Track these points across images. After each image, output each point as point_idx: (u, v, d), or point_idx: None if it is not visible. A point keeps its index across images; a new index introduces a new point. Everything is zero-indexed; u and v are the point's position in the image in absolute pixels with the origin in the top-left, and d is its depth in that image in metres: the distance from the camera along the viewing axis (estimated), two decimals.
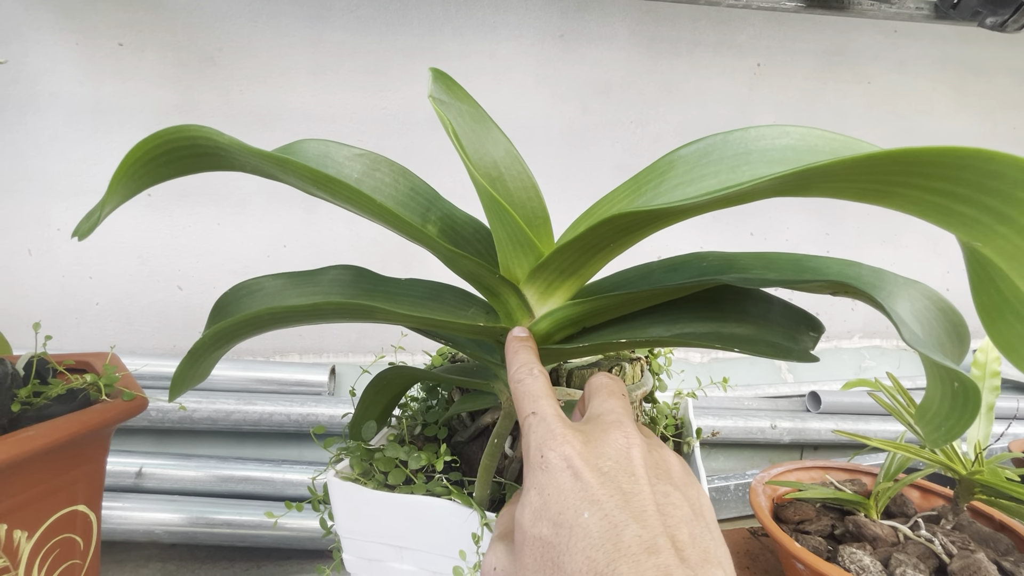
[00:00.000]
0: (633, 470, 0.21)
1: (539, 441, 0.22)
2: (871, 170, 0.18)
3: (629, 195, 0.26)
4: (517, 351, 0.26)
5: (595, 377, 0.26)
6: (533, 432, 0.22)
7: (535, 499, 0.21)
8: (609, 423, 0.22)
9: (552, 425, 0.22)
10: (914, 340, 0.23)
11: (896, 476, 0.50)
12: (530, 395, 0.24)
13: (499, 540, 0.24)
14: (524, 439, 0.23)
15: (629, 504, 0.19)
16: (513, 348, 0.26)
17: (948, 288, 1.06)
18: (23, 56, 0.75)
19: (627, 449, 0.21)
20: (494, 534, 0.24)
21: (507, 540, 0.23)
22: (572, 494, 0.20)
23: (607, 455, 0.21)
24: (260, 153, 0.22)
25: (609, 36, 0.86)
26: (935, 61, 0.96)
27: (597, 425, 0.22)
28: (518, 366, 0.25)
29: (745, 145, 0.23)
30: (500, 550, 0.23)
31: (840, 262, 0.27)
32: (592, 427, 0.22)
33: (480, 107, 0.26)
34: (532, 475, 0.21)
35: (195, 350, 0.26)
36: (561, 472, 0.21)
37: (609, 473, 0.20)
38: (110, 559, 0.67)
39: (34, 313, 0.81)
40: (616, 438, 0.22)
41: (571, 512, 0.19)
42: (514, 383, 0.25)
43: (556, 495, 0.20)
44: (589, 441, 0.22)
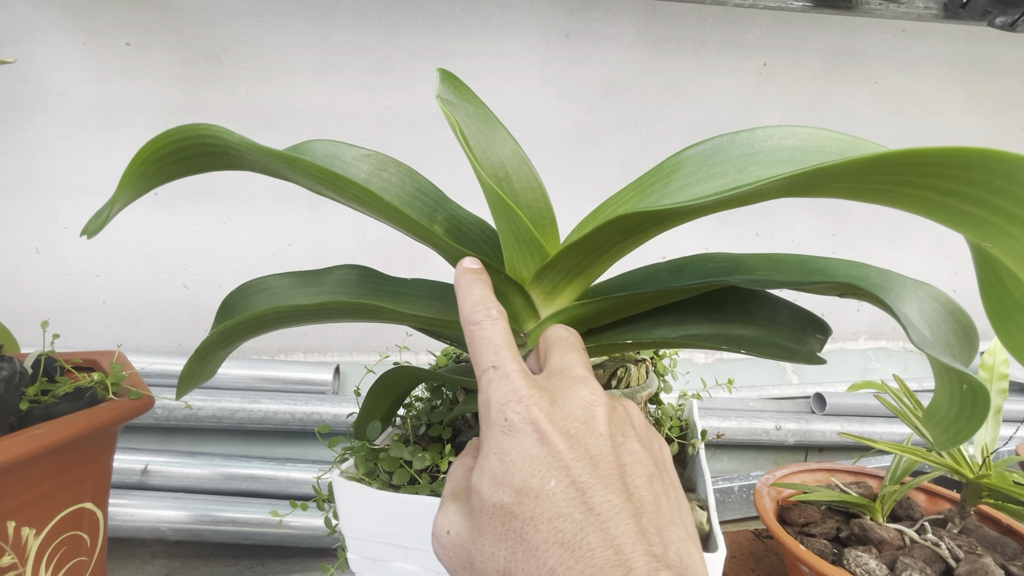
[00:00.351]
0: (599, 429, 0.20)
1: (501, 400, 0.20)
2: (880, 170, 0.18)
3: (635, 196, 0.26)
4: (470, 285, 0.23)
5: (552, 329, 0.24)
6: (494, 389, 0.20)
7: (495, 464, 0.19)
8: (574, 379, 0.21)
9: (516, 383, 0.20)
10: (922, 342, 0.23)
11: (902, 479, 0.49)
12: (489, 343, 0.21)
13: (451, 499, 0.22)
14: (482, 394, 0.21)
15: (597, 468, 0.18)
16: (465, 281, 0.23)
17: (955, 289, 1.05)
18: (31, 55, 0.75)
19: (592, 408, 0.20)
20: (445, 490, 0.23)
21: (460, 500, 0.21)
22: (538, 460, 0.19)
23: (573, 415, 0.20)
24: (270, 152, 0.22)
25: (615, 35, 0.86)
26: (944, 61, 0.96)
27: (561, 381, 0.21)
28: (472, 303, 0.22)
29: (752, 146, 0.23)
30: (453, 511, 0.21)
31: (847, 263, 0.27)
32: (556, 384, 0.21)
33: (487, 108, 0.26)
34: (492, 437, 0.20)
35: (202, 349, 0.26)
36: (526, 436, 0.19)
37: (576, 436, 0.19)
38: (116, 555, 0.67)
39: (42, 311, 0.82)
40: (582, 396, 0.20)
41: (536, 480, 0.18)
42: (469, 325, 0.22)
43: (520, 461, 0.19)
44: (556, 400, 0.20)
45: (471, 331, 0.22)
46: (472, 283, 0.23)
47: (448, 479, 0.23)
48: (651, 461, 0.20)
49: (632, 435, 0.20)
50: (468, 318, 0.22)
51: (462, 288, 0.23)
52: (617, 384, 0.35)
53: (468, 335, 0.22)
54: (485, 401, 0.21)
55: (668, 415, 0.43)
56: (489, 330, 0.22)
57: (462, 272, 0.24)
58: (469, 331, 0.22)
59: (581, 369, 0.22)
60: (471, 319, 0.22)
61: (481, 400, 0.21)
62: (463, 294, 0.23)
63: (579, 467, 0.18)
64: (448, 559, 0.20)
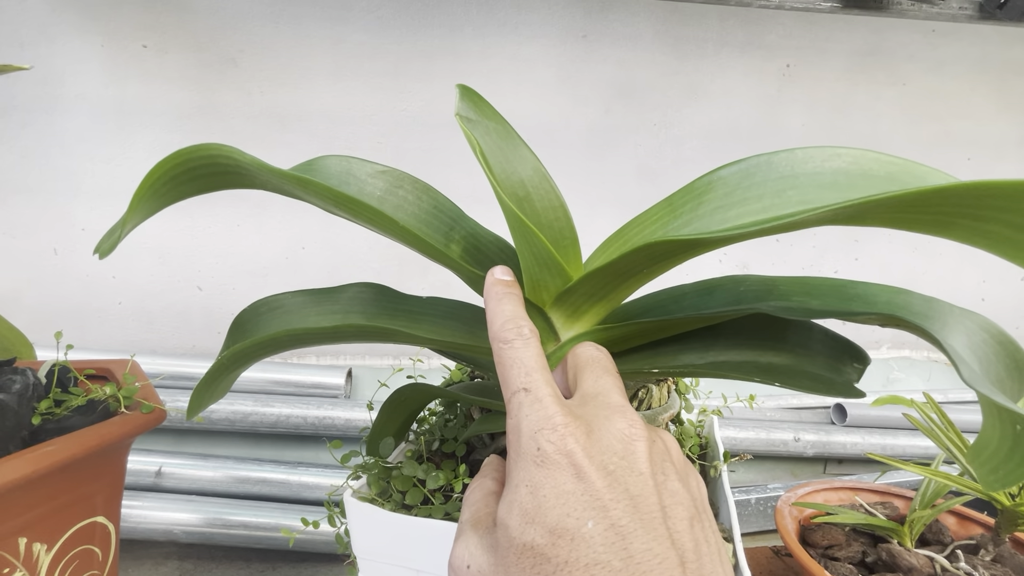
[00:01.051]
0: (639, 467, 0.18)
1: (533, 427, 0.19)
2: (938, 202, 0.17)
3: (663, 217, 0.24)
4: (501, 299, 0.22)
5: (583, 347, 0.22)
6: (525, 414, 0.19)
7: (526, 498, 0.18)
8: (611, 408, 0.19)
9: (549, 409, 0.19)
10: (973, 379, 0.21)
11: (933, 502, 0.47)
12: (521, 364, 0.20)
13: (471, 529, 0.20)
14: (511, 417, 0.19)
15: (637, 509, 0.17)
16: (496, 294, 0.22)
17: (984, 298, 1.02)
18: (50, 58, 0.76)
19: (632, 442, 0.19)
20: (462, 517, 0.21)
21: (481, 531, 0.20)
22: (574, 498, 0.17)
23: (612, 449, 0.18)
24: (281, 173, 0.21)
25: (633, 36, 0.84)
26: (975, 62, 0.92)
27: (598, 410, 0.19)
28: (504, 320, 0.21)
29: (791, 167, 0.21)
30: (474, 543, 0.19)
31: (888, 289, 0.26)
32: (592, 412, 0.19)
33: (508, 124, 0.25)
34: (523, 468, 0.18)
35: (214, 371, 0.25)
36: (562, 470, 0.18)
37: (615, 472, 0.18)
38: (130, 556, 0.68)
39: (59, 311, 0.82)
40: (621, 428, 0.19)
41: (572, 520, 0.17)
42: (499, 343, 0.21)
43: (555, 498, 0.17)
44: (592, 431, 0.19)
45: (501, 349, 0.21)
46: (504, 297, 0.22)
47: (465, 503, 0.22)
48: (691, 502, 0.19)
49: (672, 472, 0.19)
50: (498, 335, 0.21)
51: (492, 302, 0.22)
52: (639, 406, 0.33)
53: (497, 353, 0.21)
54: (515, 426, 0.19)
55: (688, 434, 0.42)
56: (521, 350, 0.20)
57: (493, 283, 0.22)
58: (499, 349, 0.21)
59: (617, 396, 0.20)
60: (501, 337, 0.21)
61: (510, 424, 0.20)
62: (494, 308, 0.22)
63: (619, 508, 0.17)
64: None
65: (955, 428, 0.47)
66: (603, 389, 0.20)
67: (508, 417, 0.20)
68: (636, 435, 0.19)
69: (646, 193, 0.89)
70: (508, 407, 0.20)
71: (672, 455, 0.20)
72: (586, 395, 0.20)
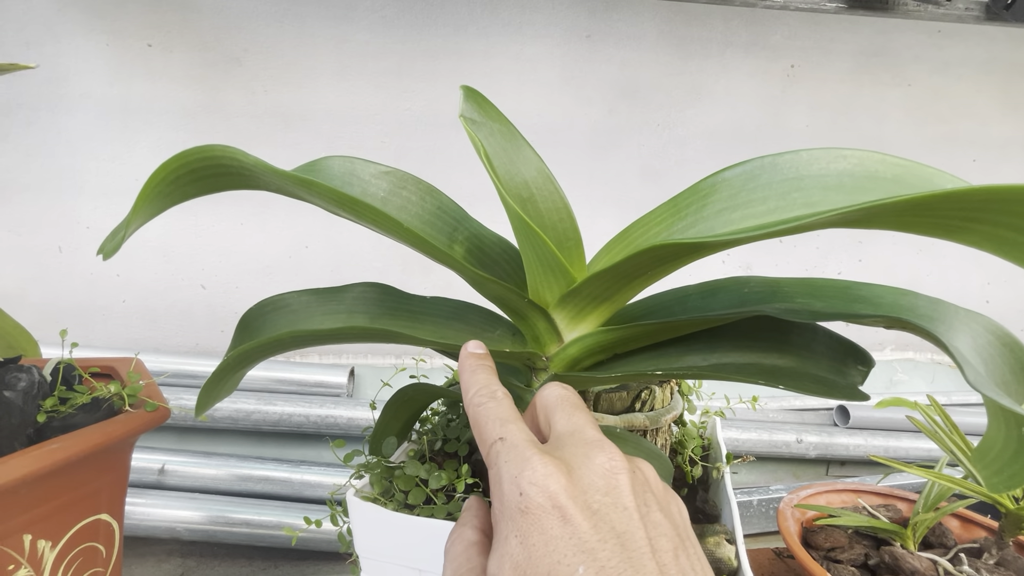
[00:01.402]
0: (623, 502, 0.18)
1: (513, 472, 0.18)
2: (946, 206, 0.16)
3: (668, 219, 0.24)
4: (475, 370, 0.23)
5: (547, 389, 0.23)
6: (504, 460, 0.19)
7: (516, 550, 0.18)
8: (589, 444, 0.19)
9: (526, 453, 0.19)
10: (978, 381, 0.21)
11: (936, 505, 0.47)
12: (495, 418, 0.20)
13: None
14: (493, 472, 0.20)
15: (625, 548, 0.17)
16: (470, 367, 0.23)
17: (988, 300, 1.01)
18: (55, 57, 0.76)
19: (614, 475, 0.19)
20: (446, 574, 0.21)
21: None
22: (562, 543, 0.17)
23: (595, 486, 0.18)
24: (284, 174, 0.21)
25: (637, 36, 0.84)
26: (981, 63, 0.92)
27: (576, 448, 0.19)
28: (477, 388, 0.22)
29: (796, 169, 0.21)
30: None
31: (893, 291, 0.25)
32: (571, 452, 0.19)
33: (512, 125, 0.25)
34: (509, 518, 0.18)
35: (219, 371, 0.25)
36: (546, 515, 0.17)
37: (600, 511, 0.18)
38: (133, 553, 0.68)
39: (63, 309, 0.83)
40: (601, 463, 0.19)
41: (564, 567, 0.17)
42: (473, 408, 0.21)
43: (542, 546, 0.17)
44: (573, 470, 0.19)
45: (475, 412, 0.21)
46: (477, 368, 0.23)
47: (447, 559, 0.21)
48: (674, 531, 0.19)
49: (653, 502, 0.19)
50: (472, 401, 0.22)
51: (467, 373, 0.23)
52: (641, 407, 0.33)
53: (473, 416, 0.21)
54: (496, 476, 0.19)
55: (691, 436, 0.41)
56: (493, 408, 0.21)
57: (467, 357, 0.23)
58: (474, 413, 0.21)
59: (592, 431, 0.20)
60: (476, 401, 0.22)
61: (492, 476, 0.20)
62: (468, 379, 0.23)
63: (607, 550, 0.17)
64: None
65: (959, 431, 0.47)
66: (577, 426, 0.20)
67: (489, 470, 0.20)
68: (617, 468, 0.19)
69: (649, 194, 0.89)
70: (488, 461, 0.20)
71: (651, 485, 0.20)
72: (561, 435, 0.21)
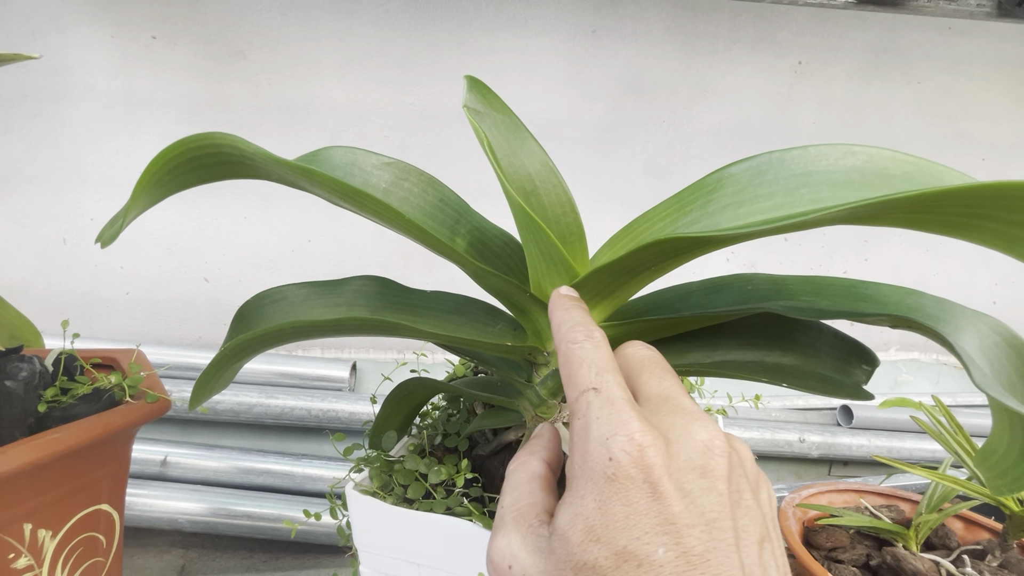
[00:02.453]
0: (718, 486, 0.17)
1: (605, 432, 0.17)
2: (956, 203, 0.16)
3: (672, 213, 0.24)
4: (569, 308, 0.21)
5: (632, 347, 0.21)
6: (595, 415, 0.17)
7: (593, 513, 0.16)
8: (687, 415, 0.18)
9: (624, 414, 0.17)
10: (984, 382, 0.21)
11: (940, 506, 0.47)
12: (591, 363, 0.18)
13: (514, 525, 0.19)
14: (578, 418, 0.18)
15: (711, 536, 0.16)
16: (563, 304, 0.21)
17: (995, 301, 1.00)
18: (60, 48, 0.76)
19: (711, 455, 0.17)
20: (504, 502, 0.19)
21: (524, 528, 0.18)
22: (646, 518, 0.16)
23: (692, 465, 0.17)
24: (285, 163, 0.21)
25: (643, 32, 0.83)
26: (992, 60, 0.91)
27: (674, 418, 0.18)
28: (574, 323, 0.20)
29: (804, 165, 0.21)
30: (517, 543, 0.18)
31: (899, 290, 0.25)
32: (668, 421, 0.18)
33: (516, 117, 0.25)
34: (590, 478, 0.17)
35: (216, 362, 0.25)
36: (635, 487, 0.16)
37: (692, 493, 0.16)
38: (135, 544, 0.69)
39: (67, 301, 0.83)
40: (701, 440, 0.17)
41: (642, 544, 0.15)
42: (567, 343, 0.19)
43: (624, 516, 0.16)
44: (671, 443, 0.17)
45: (569, 349, 0.19)
46: (571, 307, 0.21)
47: (508, 484, 0.20)
48: (762, 520, 0.17)
49: (746, 487, 0.17)
50: (567, 336, 0.20)
51: (560, 311, 0.21)
52: None
53: (565, 353, 0.20)
54: (582, 428, 0.18)
55: None
56: (591, 350, 0.19)
57: (559, 297, 0.22)
58: (567, 348, 0.20)
59: (687, 400, 0.18)
60: (570, 337, 0.20)
61: (577, 425, 0.18)
62: (561, 315, 0.21)
63: (694, 535, 0.16)
64: None
65: (963, 432, 0.46)
66: (671, 392, 0.19)
67: (574, 418, 0.18)
68: (717, 448, 0.17)
69: (654, 190, 0.88)
70: (574, 407, 0.19)
71: (746, 468, 0.18)
72: (652, 399, 0.19)
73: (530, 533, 0.18)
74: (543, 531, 0.18)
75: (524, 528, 0.18)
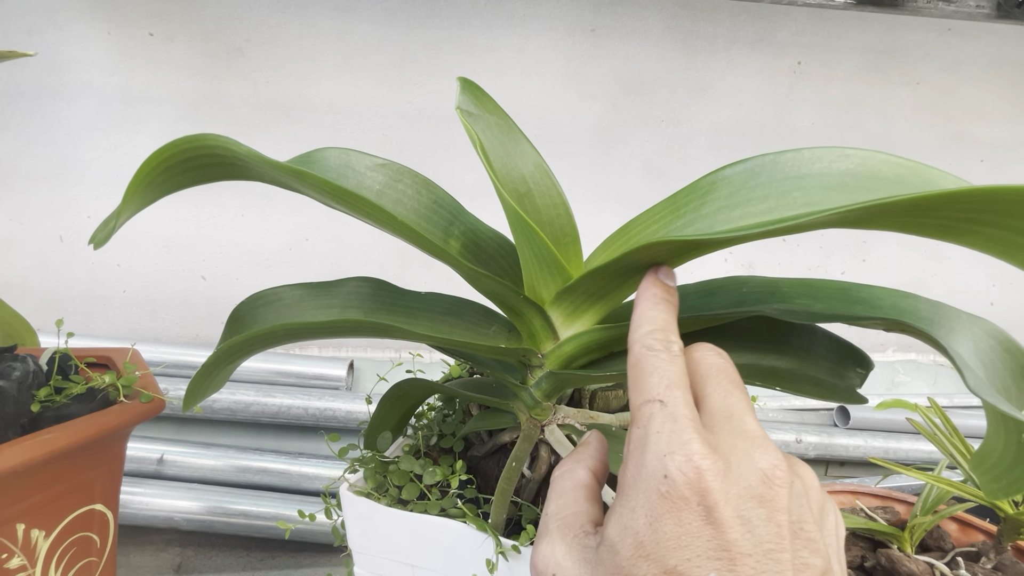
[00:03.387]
0: (778, 518, 0.16)
1: (664, 448, 0.16)
2: (948, 207, 0.16)
3: (666, 216, 0.24)
4: (657, 304, 0.20)
5: (702, 351, 0.20)
6: (656, 429, 0.17)
7: (644, 529, 0.16)
8: (750, 439, 0.17)
9: (686, 433, 0.17)
10: (978, 386, 0.21)
11: (935, 508, 0.47)
12: (663, 375, 0.18)
13: (558, 533, 0.18)
14: (638, 431, 0.17)
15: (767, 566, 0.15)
16: (652, 298, 0.20)
17: (992, 302, 1.00)
18: (57, 45, 0.76)
19: (772, 485, 0.16)
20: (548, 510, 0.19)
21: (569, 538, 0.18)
22: (700, 542, 0.15)
23: (751, 493, 0.16)
24: (278, 165, 0.21)
25: (642, 31, 0.83)
26: (991, 62, 0.90)
27: (736, 440, 0.17)
28: (654, 327, 0.19)
29: (798, 168, 0.21)
30: (562, 552, 0.18)
31: (894, 293, 0.25)
32: (729, 443, 0.17)
33: (509, 118, 0.25)
34: (644, 492, 0.16)
35: (209, 364, 0.25)
36: (688, 508, 0.16)
37: (751, 522, 0.16)
38: (130, 542, 0.69)
39: (63, 298, 0.83)
40: (763, 467, 0.16)
41: (693, 567, 0.15)
42: (641, 347, 0.19)
43: (676, 538, 0.16)
44: (731, 469, 0.16)
45: (642, 355, 0.19)
46: (659, 303, 0.20)
47: (553, 491, 0.20)
48: (824, 551, 0.16)
49: (808, 517, 0.17)
50: (643, 340, 0.19)
51: (647, 303, 0.20)
52: None
53: (638, 355, 0.19)
54: (641, 438, 0.17)
55: None
56: (666, 363, 0.18)
57: (653, 283, 0.20)
58: (640, 352, 0.19)
59: (752, 422, 0.18)
60: (646, 343, 0.19)
61: (635, 435, 0.18)
62: (646, 311, 0.19)
63: (748, 564, 0.15)
64: None
65: (959, 434, 0.46)
66: (735, 411, 0.18)
67: (634, 425, 0.18)
68: (779, 479, 0.16)
69: (652, 190, 0.88)
70: (635, 414, 0.18)
71: (811, 497, 0.18)
72: (715, 415, 0.18)
73: (575, 543, 0.18)
74: (589, 541, 0.18)
75: (569, 537, 0.18)
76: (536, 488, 0.35)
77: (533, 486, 0.35)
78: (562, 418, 0.30)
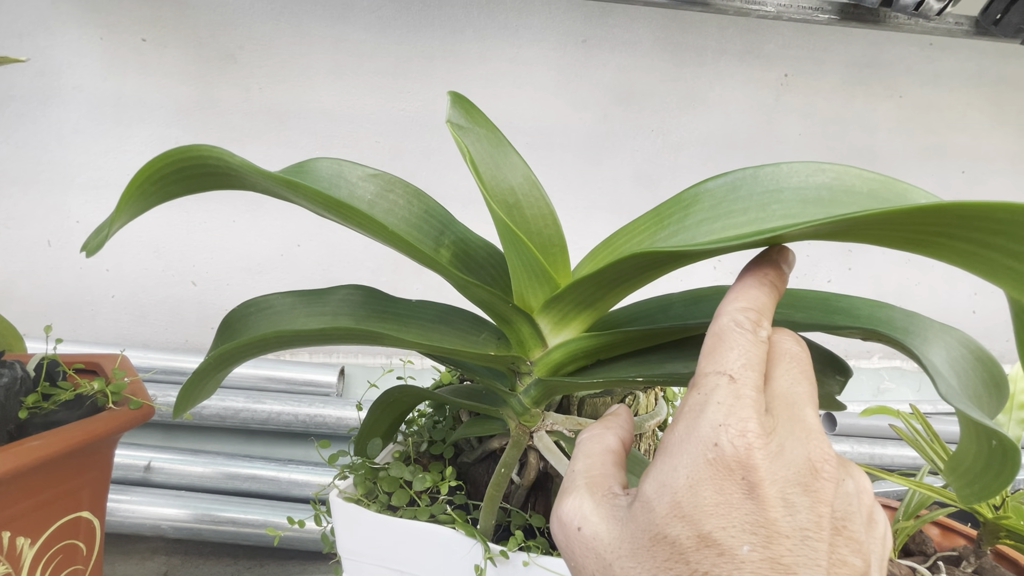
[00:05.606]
0: (820, 510, 0.16)
1: (719, 418, 0.17)
2: (918, 221, 0.17)
3: (651, 227, 0.24)
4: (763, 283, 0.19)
5: (782, 336, 0.19)
6: (717, 401, 0.17)
7: (683, 490, 0.16)
8: (807, 431, 0.17)
9: (746, 411, 0.17)
10: (950, 394, 0.22)
11: (917, 513, 0.48)
12: (743, 354, 0.18)
13: (586, 489, 0.18)
14: (697, 396, 0.17)
15: (803, 552, 0.15)
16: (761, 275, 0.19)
17: (975, 310, 1.02)
18: (48, 49, 0.75)
19: (818, 478, 0.16)
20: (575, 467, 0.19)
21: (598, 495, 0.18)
22: (738, 514, 0.16)
23: (797, 478, 0.16)
24: (270, 175, 0.21)
25: (633, 42, 0.85)
26: (971, 76, 0.93)
27: (792, 427, 0.17)
28: (748, 305, 0.19)
29: (776, 182, 0.22)
30: (589, 508, 0.18)
31: (871, 304, 0.26)
32: (785, 428, 0.17)
33: (499, 131, 0.25)
34: (689, 453, 0.16)
35: (200, 371, 0.25)
36: (732, 478, 0.16)
37: (794, 506, 0.16)
38: (117, 550, 0.68)
39: (52, 303, 0.82)
40: (812, 457, 0.16)
41: (728, 536, 0.15)
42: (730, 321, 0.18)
43: (714, 505, 0.16)
44: (782, 452, 0.16)
45: (729, 327, 0.18)
46: (765, 285, 0.19)
47: (579, 451, 0.20)
48: (866, 555, 0.16)
49: (856, 518, 0.17)
50: (733, 316, 0.18)
51: (753, 280, 0.19)
52: None
53: (722, 328, 0.18)
54: (699, 403, 0.17)
55: None
56: (748, 343, 0.18)
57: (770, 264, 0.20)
58: (726, 325, 0.18)
59: (812, 414, 0.18)
60: (737, 319, 0.18)
61: (694, 398, 0.18)
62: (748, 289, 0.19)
63: (785, 545, 0.15)
64: (571, 554, 0.18)
65: (939, 440, 0.47)
66: (799, 399, 0.18)
67: (693, 390, 0.18)
68: (827, 473, 0.17)
69: (642, 198, 0.89)
70: (699, 380, 0.18)
71: (863, 499, 0.18)
72: (777, 397, 0.18)
73: (604, 501, 0.18)
74: (619, 501, 0.18)
75: (598, 495, 0.18)
76: (525, 494, 0.35)
77: (522, 492, 0.35)
78: (551, 424, 0.30)
